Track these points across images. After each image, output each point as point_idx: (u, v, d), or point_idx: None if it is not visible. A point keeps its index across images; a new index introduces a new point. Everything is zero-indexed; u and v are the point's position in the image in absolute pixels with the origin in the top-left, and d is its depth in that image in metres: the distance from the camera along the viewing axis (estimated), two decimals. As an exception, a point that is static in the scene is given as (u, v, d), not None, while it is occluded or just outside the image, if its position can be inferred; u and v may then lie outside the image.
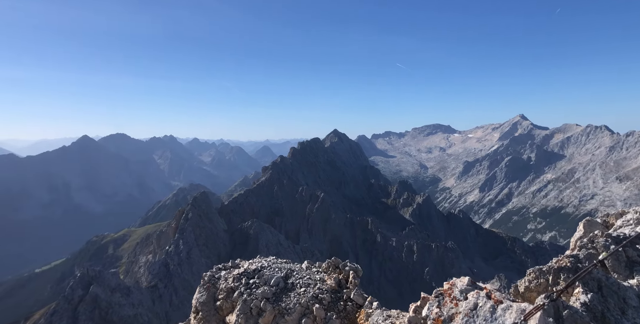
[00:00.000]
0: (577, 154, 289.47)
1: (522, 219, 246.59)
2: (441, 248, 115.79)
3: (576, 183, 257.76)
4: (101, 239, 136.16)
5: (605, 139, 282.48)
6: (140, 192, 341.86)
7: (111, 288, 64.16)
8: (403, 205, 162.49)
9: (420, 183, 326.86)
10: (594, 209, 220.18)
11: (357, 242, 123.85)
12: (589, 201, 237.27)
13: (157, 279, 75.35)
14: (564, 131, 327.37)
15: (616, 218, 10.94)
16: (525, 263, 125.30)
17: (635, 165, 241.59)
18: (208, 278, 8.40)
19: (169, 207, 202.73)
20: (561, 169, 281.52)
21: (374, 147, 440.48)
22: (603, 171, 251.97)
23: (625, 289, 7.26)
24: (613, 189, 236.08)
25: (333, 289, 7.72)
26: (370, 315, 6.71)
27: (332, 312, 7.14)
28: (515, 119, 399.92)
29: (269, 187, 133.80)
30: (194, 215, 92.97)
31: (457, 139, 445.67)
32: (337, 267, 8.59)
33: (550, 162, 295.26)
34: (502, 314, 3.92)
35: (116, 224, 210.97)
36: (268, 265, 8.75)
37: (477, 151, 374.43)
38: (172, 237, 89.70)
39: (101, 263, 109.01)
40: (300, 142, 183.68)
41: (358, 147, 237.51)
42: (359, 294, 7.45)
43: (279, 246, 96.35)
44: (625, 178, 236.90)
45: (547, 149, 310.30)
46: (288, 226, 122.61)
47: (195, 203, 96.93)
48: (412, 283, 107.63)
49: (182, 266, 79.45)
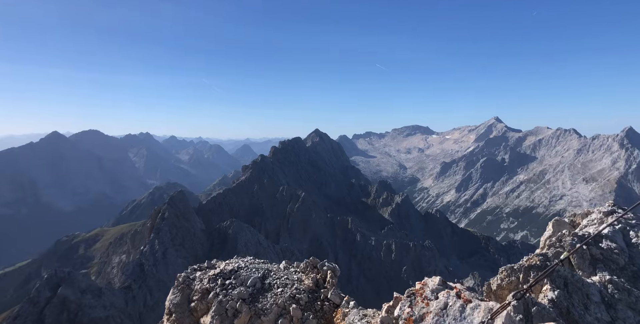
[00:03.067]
0: (548, 156, 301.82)
1: (496, 218, 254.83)
2: (418, 247, 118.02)
3: (546, 184, 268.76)
4: (71, 239, 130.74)
5: (574, 142, 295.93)
6: (114, 190, 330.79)
7: (81, 290, 61.82)
8: (382, 205, 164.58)
9: (400, 183, 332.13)
10: (562, 209, 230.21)
11: (337, 241, 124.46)
12: (558, 201, 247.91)
13: (131, 280, 73.20)
14: (536, 134, 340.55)
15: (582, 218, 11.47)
16: (498, 262, 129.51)
17: (600, 167, 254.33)
18: (182, 278, 8.21)
19: (144, 207, 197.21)
20: (533, 170, 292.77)
21: (354, 148, 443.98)
22: (571, 173, 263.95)
23: (589, 286, 7.63)
24: (580, 190, 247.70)
25: (310, 289, 7.70)
26: (347, 315, 6.74)
27: (309, 312, 7.12)
28: (491, 121, 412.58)
29: (249, 187, 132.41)
30: (171, 214, 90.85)
31: (435, 140, 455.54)
32: (315, 267, 8.59)
33: (523, 163, 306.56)
34: (471, 313, 4.01)
35: (88, 223, 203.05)
36: (245, 265, 8.64)
37: (454, 152, 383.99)
38: (147, 237, 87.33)
39: (71, 264, 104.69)
40: (282, 141, 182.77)
41: (339, 147, 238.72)
42: (336, 293, 7.47)
43: (259, 246, 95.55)
44: (591, 180, 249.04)
45: (520, 151, 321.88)
46: (268, 226, 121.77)
47: (172, 202, 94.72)
48: (390, 282, 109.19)
49: (157, 267, 77.50)
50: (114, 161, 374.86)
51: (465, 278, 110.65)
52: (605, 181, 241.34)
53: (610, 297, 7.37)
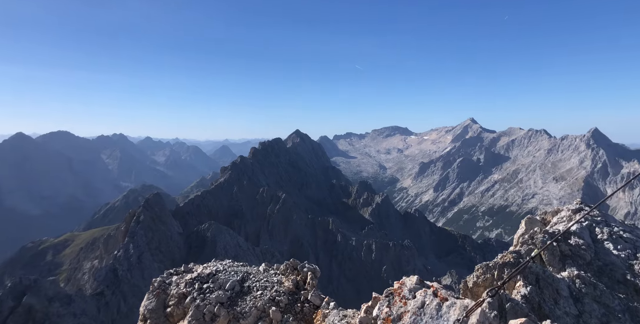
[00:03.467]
0: (521, 156, 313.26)
1: (472, 217, 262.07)
2: (398, 247, 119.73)
3: (519, 183, 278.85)
4: (38, 245, 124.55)
5: (544, 142, 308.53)
6: (86, 193, 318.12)
7: (49, 298, 59.03)
8: (363, 205, 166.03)
9: (380, 183, 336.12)
10: (534, 208, 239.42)
11: (318, 242, 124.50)
12: (530, 200, 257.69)
13: (104, 286, 70.59)
14: (509, 134, 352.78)
15: (552, 216, 11.96)
16: (474, 259, 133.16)
17: (568, 166, 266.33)
18: (158, 283, 7.98)
19: (118, 210, 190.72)
20: (506, 170, 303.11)
21: (335, 148, 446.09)
22: (542, 172, 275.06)
23: (558, 281, 7.95)
24: (550, 188, 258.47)
25: (290, 291, 7.65)
26: (327, 316, 6.73)
27: (289, 314, 7.07)
28: (466, 122, 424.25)
29: (228, 189, 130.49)
30: (146, 217, 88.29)
31: (413, 141, 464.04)
32: (295, 268, 8.54)
33: (497, 163, 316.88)
34: (447, 311, 4.09)
35: (57, 228, 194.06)
36: (224, 269, 8.50)
37: (432, 153, 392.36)
38: (121, 241, 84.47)
39: (37, 271, 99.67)
40: (262, 142, 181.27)
41: (320, 148, 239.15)
42: (317, 295, 7.45)
43: (238, 249, 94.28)
44: (561, 178, 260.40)
45: (494, 151, 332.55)
46: (248, 228, 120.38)
47: (147, 205, 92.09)
48: (370, 282, 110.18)
49: (132, 272, 75.10)
50: (85, 162, 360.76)
51: (443, 276, 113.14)
52: (573, 179, 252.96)
53: (578, 291, 7.71)
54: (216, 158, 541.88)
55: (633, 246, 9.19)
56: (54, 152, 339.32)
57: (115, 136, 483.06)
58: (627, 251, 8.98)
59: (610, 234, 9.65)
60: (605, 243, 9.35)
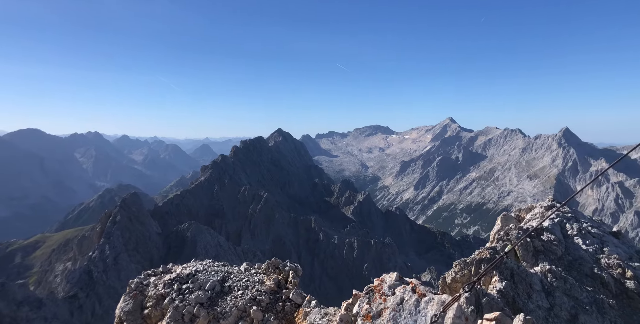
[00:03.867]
0: (497, 155, 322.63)
1: (451, 215, 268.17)
2: (379, 244, 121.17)
3: (495, 181, 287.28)
4: (5, 247, 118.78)
5: (519, 141, 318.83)
6: (58, 194, 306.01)
7: (17, 302, 56.57)
8: (345, 203, 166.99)
9: (362, 182, 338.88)
10: (509, 205, 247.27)
11: (300, 241, 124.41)
12: (505, 197, 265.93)
13: (78, 288, 68.25)
14: (486, 134, 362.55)
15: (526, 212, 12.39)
16: (452, 256, 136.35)
17: (541, 165, 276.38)
18: (135, 285, 7.78)
19: (93, 210, 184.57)
20: (483, 168, 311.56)
21: (318, 147, 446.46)
22: (517, 170, 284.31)
23: (532, 276, 8.26)
24: (525, 186, 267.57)
25: (272, 290, 7.62)
26: (309, 314, 6.74)
27: (270, 313, 7.04)
28: (445, 122, 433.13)
29: (208, 188, 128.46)
30: (123, 218, 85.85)
31: (394, 139, 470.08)
32: (277, 267, 8.51)
33: (475, 162, 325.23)
34: (425, 307, 4.18)
35: (27, 230, 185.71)
36: (204, 269, 8.37)
37: (412, 151, 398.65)
38: (96, 242, 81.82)
39: (5, 275, 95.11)
40: (243, 140, 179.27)
41: (302, 147, 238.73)
42: (298, 293, 7.45)
43: (219, 248, 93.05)
44: (534, 176, 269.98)
45: (472, 150, 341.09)
46: (229, 227, 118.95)
47: (124, 205, 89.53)
48: (352, 279, 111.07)
49: (107, 273, 72.90)
50: (58, 162, 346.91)
51: (423, 273, 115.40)
52: (546, 177, 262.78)
53: (550, 285, 8.03)
54: (196, 157, 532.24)
55: (600, 241, 9.64)
56: (23, 151, 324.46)
57: (90, 134, 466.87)
58: (594, 246, 9.41)
59: (579, 229, 10.09)
60: (575, 238, 9.76)
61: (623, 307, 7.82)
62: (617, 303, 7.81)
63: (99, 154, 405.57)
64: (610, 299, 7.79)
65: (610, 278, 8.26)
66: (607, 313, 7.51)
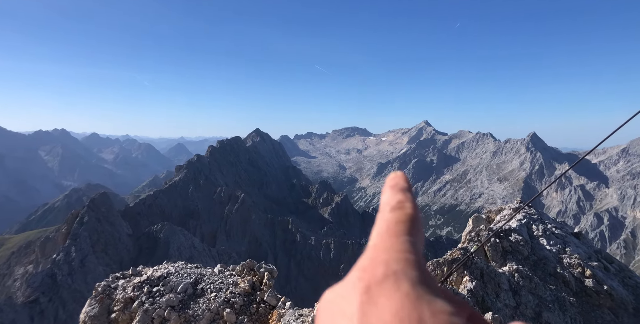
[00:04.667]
0: (469, 158, 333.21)
1: (425, 216, 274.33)
2: (356, 245, 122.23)
3: (468, 183, 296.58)
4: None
5: (490, 145, 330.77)
6: (20, 193, 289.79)
7: (-26, 309, 53.07)
8: (323, 204, 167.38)
9: (339, 183, 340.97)
10: (481, 207, 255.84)
11: (277, 242, 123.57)
12: (477, 199, 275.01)
13: (39, 293, 64.82)
14: (459, 137, 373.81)
15: (496, 214, 12.85)
16: (427, 257, 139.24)
17: (511, 168, 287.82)
18: (102, 288, 7.48)
19: (58, 211, 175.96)
20: (457, 170, 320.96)
21: (296, 148, 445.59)
22: (488, 173, 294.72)
23: (500, 275, 8.58)
24: (495, 188, 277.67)
25: (246, 292, 7.53)
26: (283, 315, 6.71)
27: (244, 315, 6.96)
28: (421, 125, 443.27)
29: (183, 188, 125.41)
30: (91, 218, 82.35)
31: (372, 141, 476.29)
32: (251, 269, 8.42)
33: (448, 164, 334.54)
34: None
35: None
36: (176, 271, 8.17)
37: (389, 153, 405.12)
38: (61, 243, 78.03)
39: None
40: (220, 140, 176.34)
41: (280, 147, 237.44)
42: (273, 295, 7.40)
43: (193, 250, 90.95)
44: (504, 179, 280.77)
45: (446, 153, 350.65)
46: (204, 228, 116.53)
47: (92, 205, 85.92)
48: (328, 280, 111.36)
49: (73, 276, 69.68)
50: (20, 159, 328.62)
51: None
52: (515, 180, 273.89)
53: (517, 284, 8.37)
54: (171, 156, 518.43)
55: (562, 241, 10.14)
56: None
57: (57, 132, 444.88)
58: (557, 246, 9.89)
59: (544, 230, 10.57)
60: (540, 238, 10.22)
61: (582, 304, 8.26)
62: (577, 300, 8.23)
63: (65, 153, 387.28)
64: (570, 297, 8.21)
65: (571, 276, 8.69)
66: (568, 310, 7.91)
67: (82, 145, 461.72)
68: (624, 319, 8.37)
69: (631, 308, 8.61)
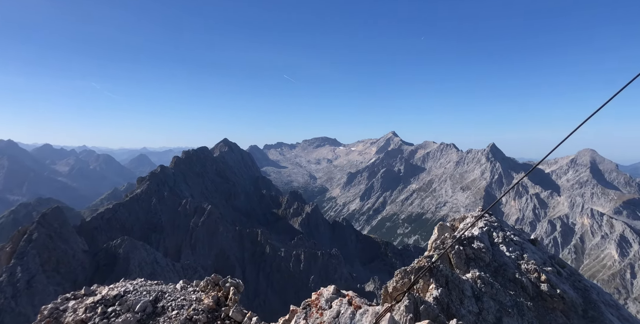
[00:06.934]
0: (434, 168, 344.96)
1: (394, 224, 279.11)
2: (326, 256, 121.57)
3: (433, 192, 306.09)
4: None
5: (453, 155, 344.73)
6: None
7: None
8: (293, 215, 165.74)
9: (310, 193, 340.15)
10: (445, 215, 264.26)
11: (245, 255, 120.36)
12: (442, 207, 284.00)
13: (-20, 320, 58.68)
14: (425, 147, 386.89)
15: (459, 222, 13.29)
16: (395, 265, 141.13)
17: (472, 177, 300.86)
18: (49, 311, 6.89)
19: (2, 228, 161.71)
20: (423, 180, 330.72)
21: (266, 158, 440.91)
22: (452, 182, 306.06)
23: (463, 282, 8.82)
24: (458, 197, 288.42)
25: (210, 308, 7.23)
26: (249, 333, 6.48)
27: (208, 335, 6.64)
28: (388, 135, 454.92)
29: (145, 200, 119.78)
30: (42, 235, 76.37)
31: (342, 151, 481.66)
32: (216, 284, 8.11)
33: (415, 174, 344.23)
34: (360, 319, 4.23)
35: None
36: (134, 289, 7.69)
37: (358, 163, 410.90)
38: (5, 264, 71.52)
39: None
40: (185, 150, 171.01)
41: (249, 157, 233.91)
42: (238, 310, 7.15)
43: (155, 265, 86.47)
44: (466, 188, 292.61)
45: (412, 163, 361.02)
46: (168, 243, 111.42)
47: (43, 221, 79.84)
48: (298, 292, 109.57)
49: (17, 299, 63.86)
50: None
51: (367, 283, 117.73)
52: (476, 189, 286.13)
53: (479, 291, 8.64)
54: (132, 168, 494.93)
55: (520, 248, 10.64)
56: None
57: (2, 143, 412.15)
58: (516, 253, 10.36)
59: (504, 238, 11.05)
60: (500, 245, 10.67)
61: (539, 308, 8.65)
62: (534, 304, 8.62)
63: (12, 165, 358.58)
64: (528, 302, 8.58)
65: (528, 281, 9.11)
66: (526, 315, 8.25)
67: (31, 157, 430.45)
68: (575, 321, 8.85)
69: (580, 310, 9.14)
